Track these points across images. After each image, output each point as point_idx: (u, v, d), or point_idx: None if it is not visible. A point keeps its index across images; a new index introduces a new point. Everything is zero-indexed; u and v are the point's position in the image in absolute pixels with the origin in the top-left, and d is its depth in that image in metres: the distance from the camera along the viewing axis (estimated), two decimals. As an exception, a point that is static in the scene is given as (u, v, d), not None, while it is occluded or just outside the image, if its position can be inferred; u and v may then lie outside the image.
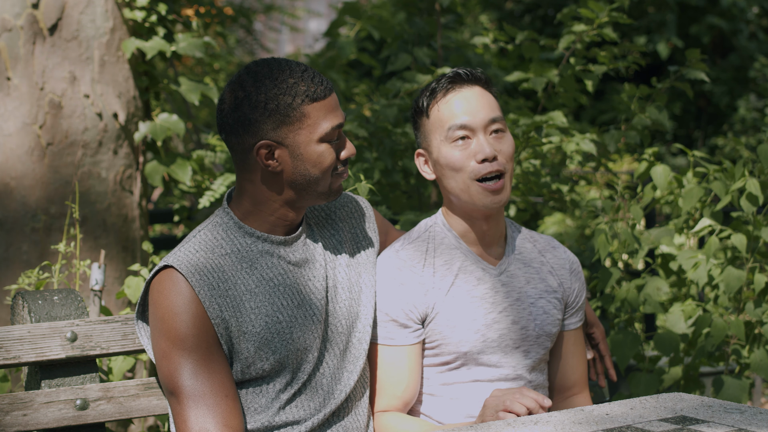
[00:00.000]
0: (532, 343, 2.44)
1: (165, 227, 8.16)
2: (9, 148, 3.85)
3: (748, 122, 11.85)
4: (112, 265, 3.99)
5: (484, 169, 2.36)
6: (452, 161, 2.38)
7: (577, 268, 2.54)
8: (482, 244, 2.45)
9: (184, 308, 2.12)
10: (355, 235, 2.41)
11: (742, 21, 12.25)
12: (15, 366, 2.21)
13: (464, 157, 2.37)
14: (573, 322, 2.52)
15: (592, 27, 4.12)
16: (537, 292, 2.46)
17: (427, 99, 2.43)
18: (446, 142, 2.39)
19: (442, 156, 2.40)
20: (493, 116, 2.39)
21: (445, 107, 2.40)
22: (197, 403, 2.09)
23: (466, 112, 2.38)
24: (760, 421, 2.01)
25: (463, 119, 2.38)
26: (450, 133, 2.38)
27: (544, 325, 2.45)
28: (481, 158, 2.36)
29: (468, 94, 2.40)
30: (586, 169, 4.42)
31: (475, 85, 2.42)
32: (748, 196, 3.25)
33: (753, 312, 3.27)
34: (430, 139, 2.43)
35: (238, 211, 2.25)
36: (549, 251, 2.54)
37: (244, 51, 11.55)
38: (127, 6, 4.11)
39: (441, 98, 2.41)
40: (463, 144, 2.38)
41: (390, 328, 2.38)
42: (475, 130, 2.38)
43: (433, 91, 2.42)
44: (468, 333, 2.38)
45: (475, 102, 2.40)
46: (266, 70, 2.18)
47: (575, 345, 2.53)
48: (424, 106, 2.43)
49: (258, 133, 2.16)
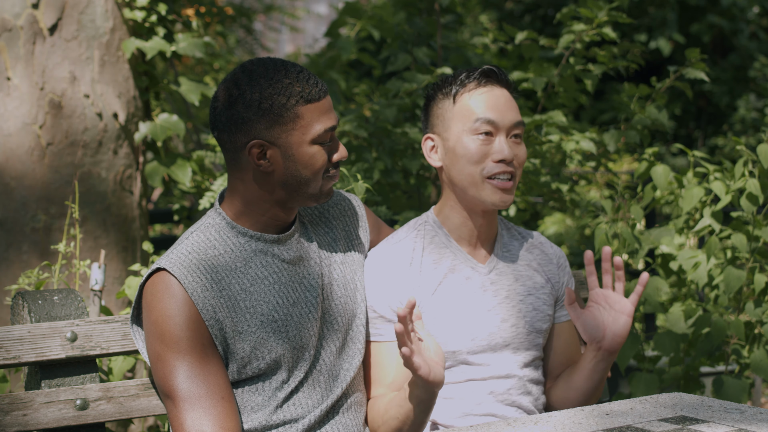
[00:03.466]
0: (523, 340, 2.44)
1: (165, 227, 8.17)
2: (9, 148, 3.85)
3: (747, 122, 11.85)
4: (112, 265, 3.99)
5: (498, 168, 2.38)
6: (471, 152, 2.38)
7: (563, 261, 2.57)
8: (474, 241, 2.46)
9: (177, 311, 2.12)
10: (348, 233, 2.42)
11: (742, 21, 12.25)
12: (15, 366, 2.21)
13: (483, 152, 2.38)
14: (564, 314, 2.54)
15: (591, 26, 4.12)
16: (525, 289, 2.47)
17: (457, 86, 2.43)
18: (469, 132, 2.39)
19: (461, 145, 2.40)
20: (517, 121, 2.42)
21: (476, 98, 2.41)
22: (193, 406, 2.09)
23: (495, 110, 2.40)
24: (760, 421, 2.02)
25: (492, 115, 2.39)
26: (476, 124, 2.39)
27: (534, 321, 2.45)
28: (499, 158, 2.37)
29: (499, 93, 2.43)
30: (586, 168, 4.42)
31: (506, 88, 2.45)
32: (748, 196, 3.25)
33: (753, 312, 3.27)
34: (450, 125, 2.42)
35: (230, 211, 2.25)
36: (536, 247, 2.55)
37: (244, 51, 11.56)
38: (127, 6, 4.11)
39: (473, 89, 2.42)
40: (485, 139, 2.39)
41: (378, 324, 2.39)
42: (499, 130, 2.39)
43: (464, 80, 2.43)
44: (456, 332, 2.38)
45: (505, 103, 2.42)
46: (262, 69, 2.18)
47: (567, 336, 2.54)
48: (452, 92, 2.43)
49: (251, 132, 2.16)
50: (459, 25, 6.20)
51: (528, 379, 2.45)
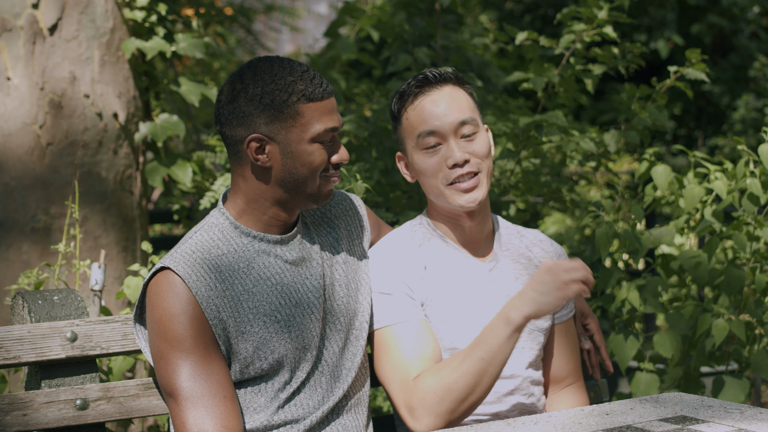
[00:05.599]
0: (525, 338, 2.44)
1: (165, 227, 8.18)
2: (9, 148, 3.85)
3: (747, 122, 11.85)
4: (112, 265, 3.99)
5: (455, 173, 2.36)
6: (424, 168, 2.38)
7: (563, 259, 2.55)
8: (468, 242, 2.45)
9: (181, 310, 2.12)
10: (350, 233, 2.42)
11: (742, 20, 12.25)
12: (15, 366, 2.21)
13: (436, 163, 2.37)
14: (563, 314, 2.54)
15: (592, 26, 4.12)
16: None
17: (397, 104, 2.42)
18: (417, 148, 2.38)
19: (415, 162, 2.40)
20: (462, 118, 2.37)
21: (413, 113, 2.38)
22: (195, 405, 2.09)
23: (434, 118, 2.36)
24: (760, 421, 2.02)
25: (431, 125, 2.36)
26: (420, 140, 2.37)
27: (535, 320, 2.45)
28: (452, 164, 2.36)
29: (436, 97, 2.38)
30: (586, 169, 4.42)
31: (445, 85, 2.40)
32: (750, 196, 3.25)
33: (754, 312, 3.27)
34: (404, 144, 2.43)
35: (232, 210, 2.26)
36: (536, 245, 2.54)
37: (245, 51, 11.56)
38: (127, 6, 4.11)
39: (410, 104, 2.39)
40: (433, 150, 2.37)
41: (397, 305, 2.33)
42: (445, 135, 2.36)
43: (402, 96, 2.41)
44: (456, 331, 2.38)
45: (444, 105, 2.37)
46: (267, 65, 2.20)
47: (566, 336, 2.54)
48: (396, 111, 2.42)
49: (251, 126, 2.18)
50: (459, 25, 6.20)
51: (531, 380, 2.45)
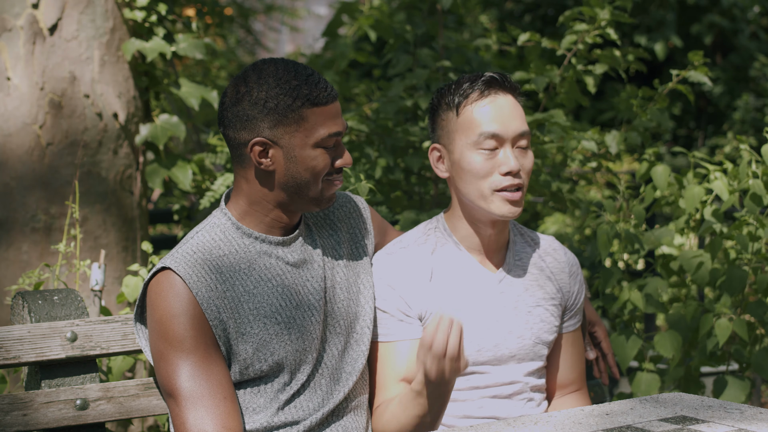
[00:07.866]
0: (528, 351, 2.42)
1: (165, 227, 8.17)
2: (9, 148, 3.85)
3: (747, 122, 11.85)
4: (112, 265, 3.99)
5: (506, 181, 2.32)
6: (476, 168, 2.33)
7: (576, 270, 2.51)
8: (484, 250, 2.42)
9: (181, 310, 2.12)
10: (353, 236, 2.40)
11: (743, 20, 12.24)
12: (15, 366, 2.21)
13: (489, 167, 2.32)
14: (572, 324, 2.51)
15: (594, 26, 4.12)
16: (535, 300, 2.43)
17: (459, 97, 2.35)
18: (472, 147, 2.33)
19: (465, 160, 2.34)
20: (522, 130, 2.34)
21: (478, 111, 2.33)
22: (195, 405, 2.09)
23: (499, 122, 2.32)
24: (760, 421, 2.01)
25: (495, 128, 2.32)
26: (479, 139, 2.32)
27: (540, 333, 2.42)
28: (506, 171, 2.31)
29: (503, 102, 2.35)
30: (586, 169, 4.41)
31: (510, 93, 2.37)
32: (752, 196, 3.25)
33: (755, 312, 3.26)
34: (454, 138, 2.36)
35: (235, 211, 2.25)
36: (549, 254, 2.50)
37: (245, 51, 11.56)
38: (127, 6, 4.11)
39: (475, 100, 2.34)
40: (489, 153, 2.32)
41: (389, 324, 2.36)
42: (504, 141, 2.33)
43: (467, 90, 2.35)
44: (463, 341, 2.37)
45: (509, 112, 2.34)
46: (272, 68, 2.18)
47: (573, 346, 2.52)
48: (454, 103, 2.36)
49: (254, 130, 2.17)
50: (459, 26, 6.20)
51: (531, 386, 2.44)
